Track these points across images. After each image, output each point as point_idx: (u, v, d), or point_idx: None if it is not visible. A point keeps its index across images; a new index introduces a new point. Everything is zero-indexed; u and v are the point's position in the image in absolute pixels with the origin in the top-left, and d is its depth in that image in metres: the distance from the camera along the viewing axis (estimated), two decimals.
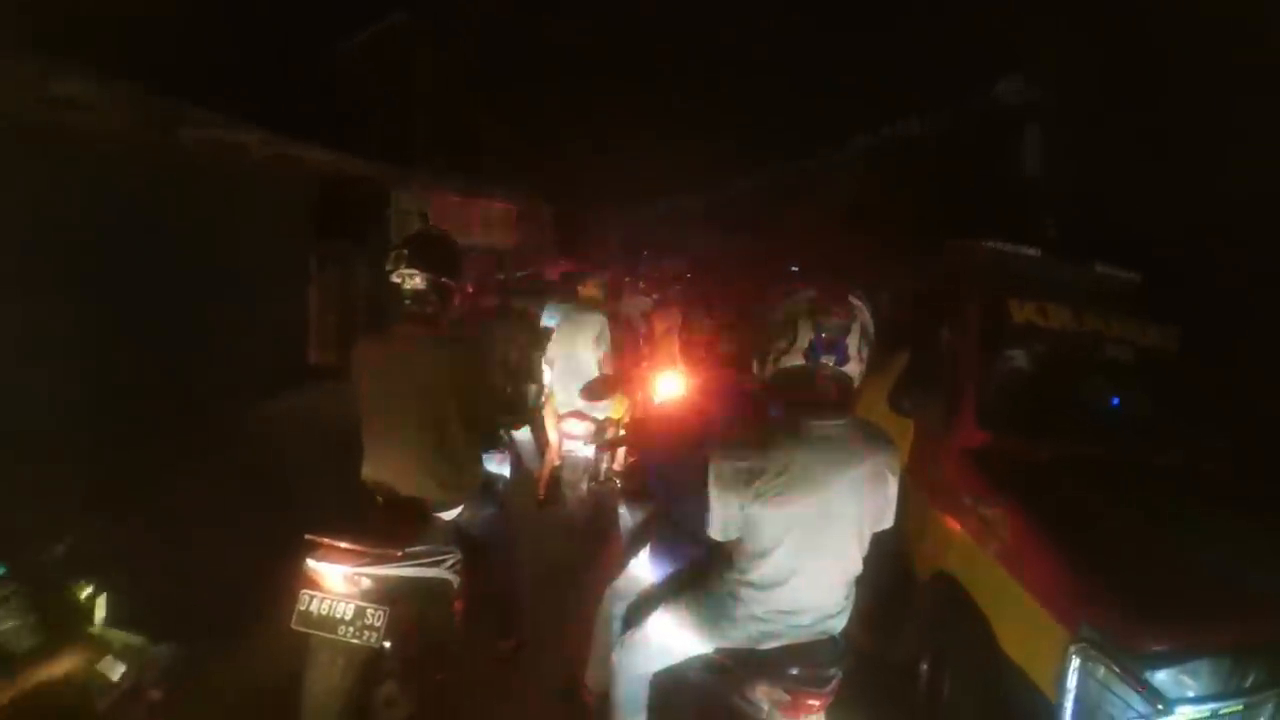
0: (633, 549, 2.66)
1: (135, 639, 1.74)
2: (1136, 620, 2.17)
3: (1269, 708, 2.19)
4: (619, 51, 13.52)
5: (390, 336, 2.78)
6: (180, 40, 5.72)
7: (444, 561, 2.58)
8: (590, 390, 4.33)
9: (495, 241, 8.56)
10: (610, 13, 12.54)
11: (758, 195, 17.26)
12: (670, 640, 2.13)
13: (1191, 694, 2.13)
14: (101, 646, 1.67)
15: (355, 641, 2.30)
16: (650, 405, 4.49)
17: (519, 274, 8.24)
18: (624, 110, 14.91)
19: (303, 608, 2.32)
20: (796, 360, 1.87)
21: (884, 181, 10.63)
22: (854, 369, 1.89)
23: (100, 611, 1.80)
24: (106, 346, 4.67)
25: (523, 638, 3.24)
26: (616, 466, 4.76)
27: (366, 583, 2.36)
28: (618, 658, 2.27)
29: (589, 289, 5.08)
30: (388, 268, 2.69)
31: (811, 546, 1.91)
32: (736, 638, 2.02)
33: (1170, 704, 2.05)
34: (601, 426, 4.69)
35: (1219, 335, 3.84)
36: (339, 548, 2.35)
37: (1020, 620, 2.48)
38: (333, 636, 2.30)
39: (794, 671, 1.96)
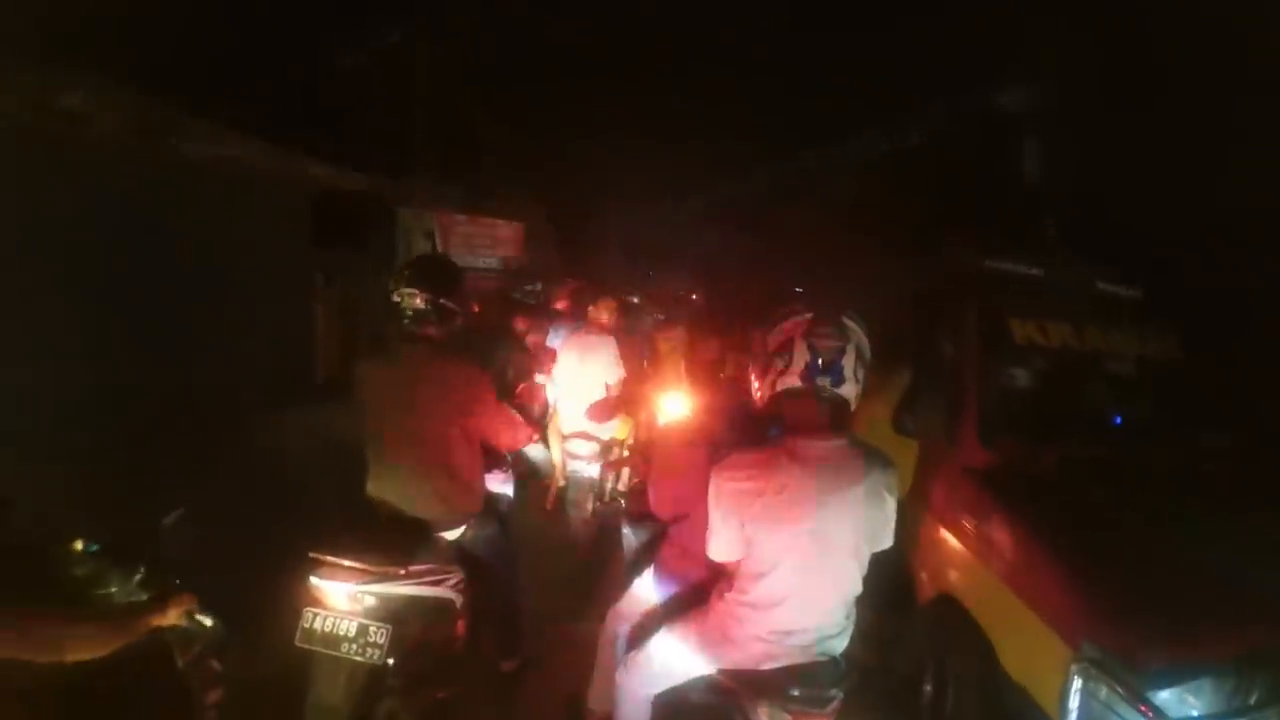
0: (636, 570, 2.68)
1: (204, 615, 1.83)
2: (1139, 638, 2.18)
3: None
4: (619, 58, 13.59)
5: (392, 356, 2.84)
6: (179, 52, 5.78)
7: (446, 580, 2.60)
8: (594, 411, 4.34)
9: (501, 258, 8.59)
10: (610, 19, 12.62)
11: (760, 199, 17.31)
12: (673, 661, 2.15)
13: (1195, 712, 2.14)
14: (193, 600, 1.77)
15: (358, 658, 2.34)
16: (655, 426, 4.50)
17: (526, 288, 8.25)
18: (625, 116, 14.96)
19: (306, 625, 2.37)
20: (793, 382, 1.90)
21: (887, 185, 10.67)
22: (850, 390, 1.92)
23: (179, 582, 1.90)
24: (109, 361, 4.71)
25: (526, 657, 3.26)
26: (621, 487, 4.76)
27: (370, 600, 2.39)
28: (621, 678, 2.29)
29: (599, 312, 5.06)
30: (390, 288, 2.75)
31: (810, 566, 1.93)
32: (738, 658, 2.04)
33: None
34: (606, 447, 4.69)
35: (1220, 338, 3.85)
36: (342, 565, 2.39)
37: (1022, 639, 2.49)
38: (336, 653, 2.34)
39: (795, 692, 1.96)
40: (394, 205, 8.24)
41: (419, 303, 2.69)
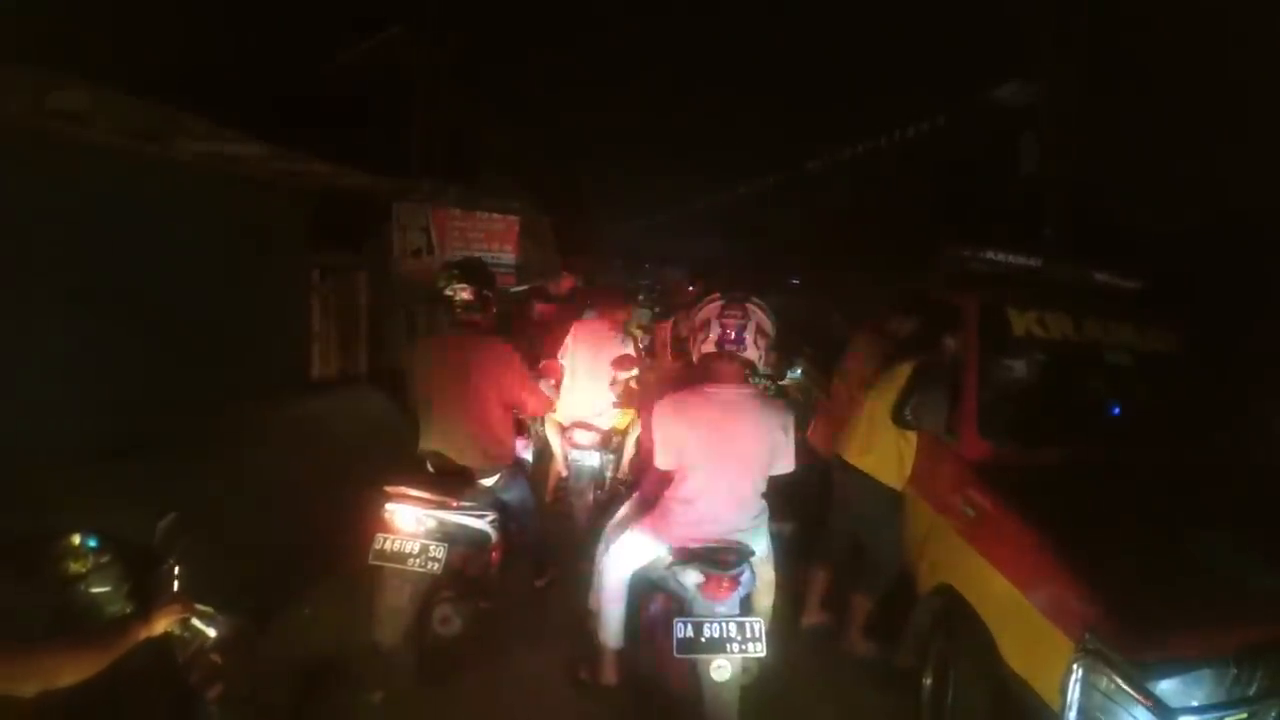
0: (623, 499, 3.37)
1: (205, 607, 1.86)
2: (1139, 630, 2.20)
3: (1273, 715, 2.20)
4: (617, 61, 13.55)
5: (445, 338, 3.52)
6: (177, 52, 5.74)
7: (486, 517, 3.20)
8: (619, 363, 4.52)
9: (498, 254, 8.55)
10: (608, 22, 12.57)
11: (759, 200, 17.32)
12: (636, 545, 2.89)
13: (1196, 703, 2.16)
14: (191, 608, 1.81)
15: (420, 570, 2.91)
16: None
17: (519, 288, 8.29)
18: (625, 120, 14.96)
19: (378, 547, 2.92)
20: (710, 348, 2.68)
21: (885, 184, 10.64)
22: (752, 354, 2.68)
23: (176, 583, 1.94)
24: (105, 361, 4.69)
25: (555, 575, 3.94)
26: (621, 475, 4.78)
27: (430, 523, 2.99)
28: (603, 564, 3.00)
29: (613, 310, 5.13)
30: (439, 284, 3.38)
31: (715, 475, 2.69)
32: (673, 538, 2.76)
33: (1174, 714, 2.07)
34: (607, 435, 4.72)
35: (1219, 336, 3.85)
36: (410, 495, 2.99)
37: (1023, 631, 2.51)
38: (402, 567, 2.90)
39: (714, 559, 2.62)
40: (392, 201, 8.20)
41: (467, 295, 3.33)
